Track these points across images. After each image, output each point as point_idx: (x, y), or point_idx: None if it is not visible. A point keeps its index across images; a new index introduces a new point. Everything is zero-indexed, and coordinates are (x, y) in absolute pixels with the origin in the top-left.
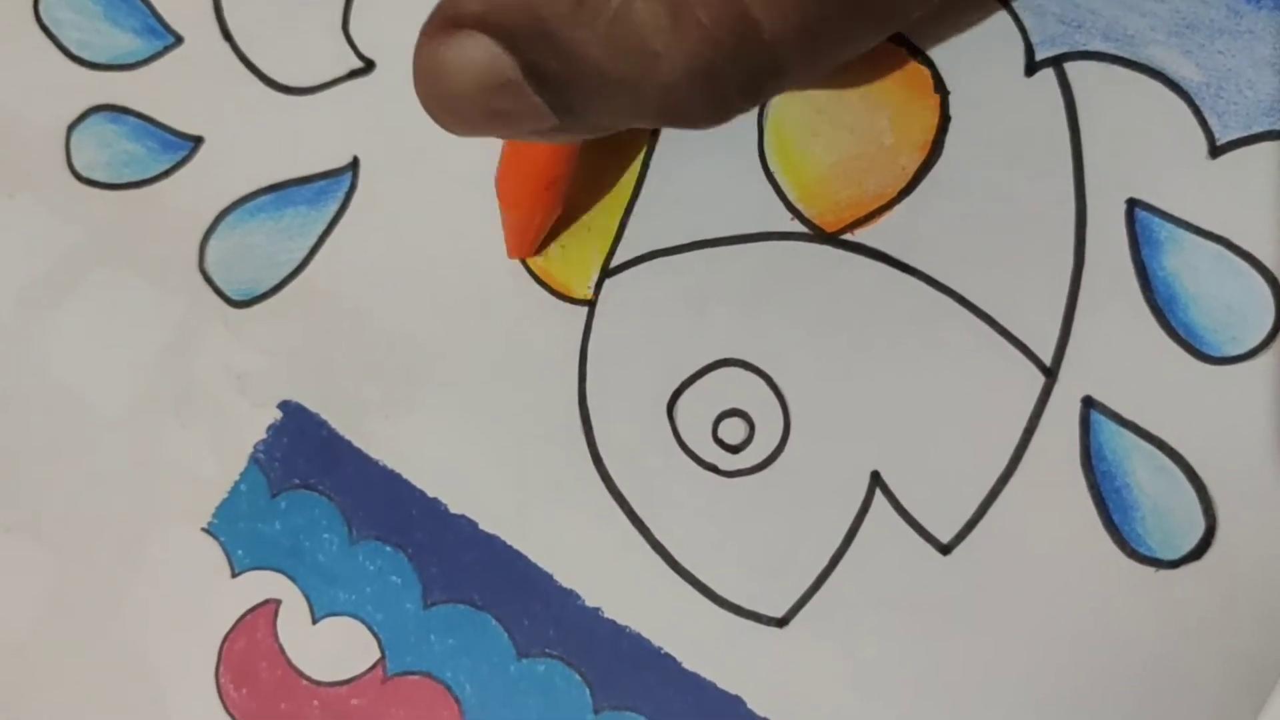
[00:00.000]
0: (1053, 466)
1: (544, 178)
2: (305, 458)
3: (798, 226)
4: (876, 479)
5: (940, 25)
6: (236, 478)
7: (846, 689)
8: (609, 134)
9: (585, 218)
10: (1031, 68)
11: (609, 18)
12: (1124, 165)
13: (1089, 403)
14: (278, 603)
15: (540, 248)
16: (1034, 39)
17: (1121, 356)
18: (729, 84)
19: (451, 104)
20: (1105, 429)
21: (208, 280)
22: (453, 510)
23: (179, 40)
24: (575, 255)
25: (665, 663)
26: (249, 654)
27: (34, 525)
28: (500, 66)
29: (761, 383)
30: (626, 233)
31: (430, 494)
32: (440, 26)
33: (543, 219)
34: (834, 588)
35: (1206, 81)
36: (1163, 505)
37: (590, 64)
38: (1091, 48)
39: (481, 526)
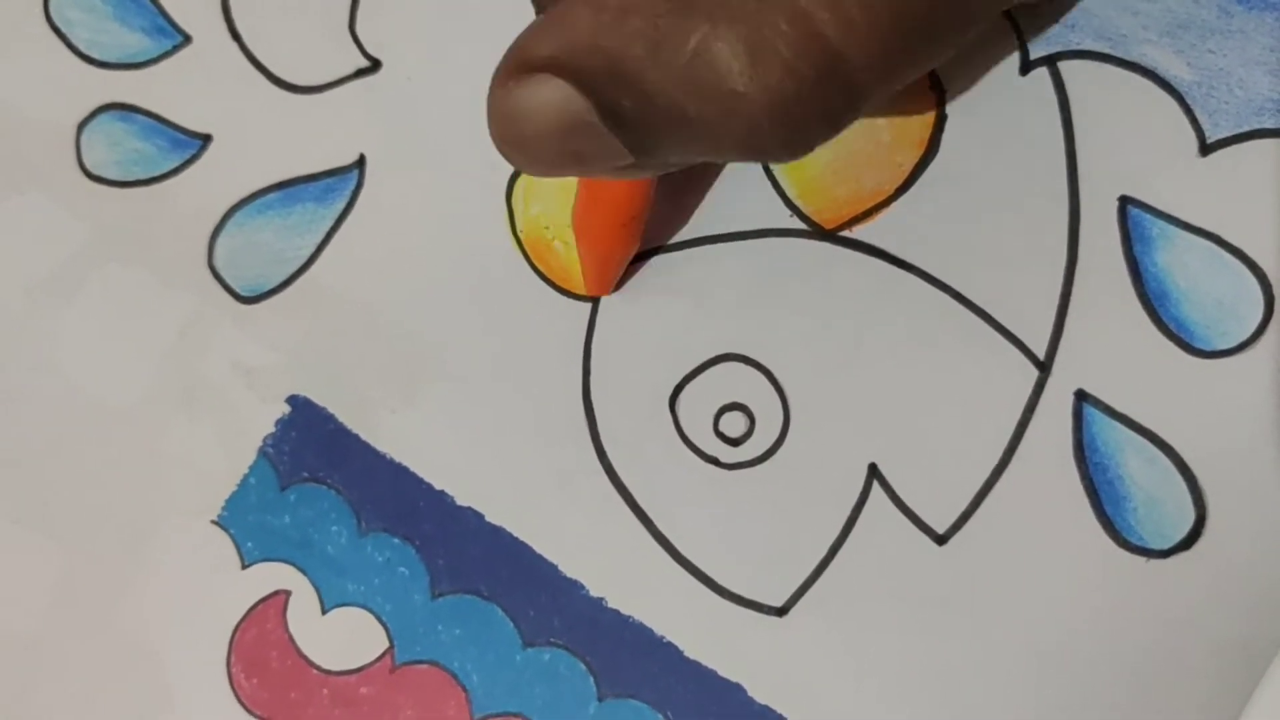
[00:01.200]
0: (1046, 458)
1: (622, 215)
2: (313, 451)
3: (797, 223)
4: (874, 471)
5: None
6: (246, 471)
7: (844, 676)
8: (685, 168)
9: None
10: (1026, 67)
11: (686, 58)
12: (1117, 163)
13: (1082, 396)
14: (287, 594)
15: (620, 284)
16: (1028, 38)
17: (1114, 351)
18: (810, 116)
19: (528, 147)
20: (1098, 421)
21: (216, 277)
22: (459, 502)
23: (187, 40)
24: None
25: (667, 651)
26: (259, 644)
27: (45, 518)
28: (576, 109)
29: (762, 377)
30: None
31: (437, 486)
32: (513, 71)
33: (622, 255)
34: (832, 578)
35: (1198, 80)
36: (1154, 496)
37: (668, 104)
38: (1085, 47)
39: (488, 518)
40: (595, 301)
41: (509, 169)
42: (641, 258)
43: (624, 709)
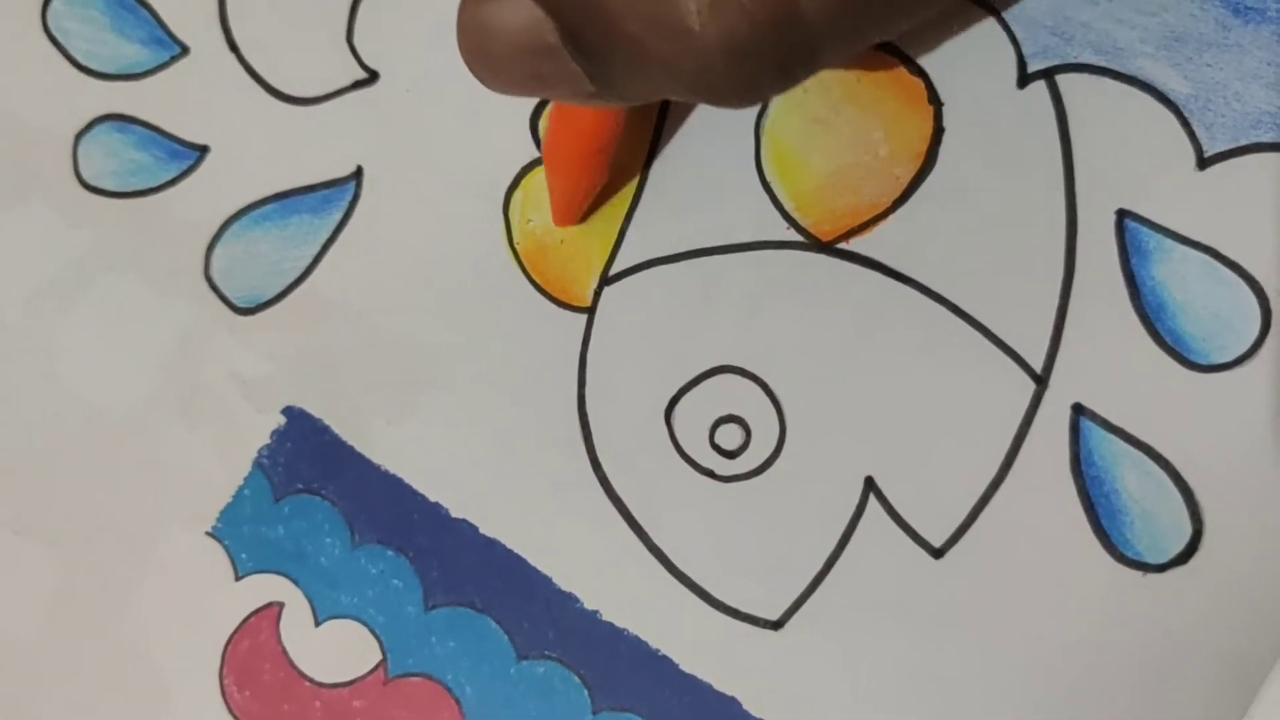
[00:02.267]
0: (1043, 472)
1: (592, 144)
2: (308, 463)
3: (794, 236)
4: (870, 484)
5: (934, 38)
6: (240, 482)
7: (840, 690)
8: (646, 102)
9: (585, 226)
10: (1024, 80)
11: None
12: (1114, 176)
13: (1079, 409)
14: (281, 605)
15: (584, 216)
16: (1026, 51)
17: (1111, 364)
18: (764, 64)
19: (492, 63)
20: (1094, 435)
21: (213, 287)
22: (454, 514)
23: (185, 51)
24: (575, 263)
25: (662, 665)
26: (252, 656)
27: (41, 528)
28: (541, 30)
29: (758, 389)
30: (625, 241)
31: (431, 498)
32: None
33: (589, 186)
34: (828, 591)
35: (1195, 94)
36: (1150, 510)
37: (627, 36)
38: (1082, 60)
39: (482, 530)
40: (591, 312)
41: (506, 181)
42: (639, 267)
43: None
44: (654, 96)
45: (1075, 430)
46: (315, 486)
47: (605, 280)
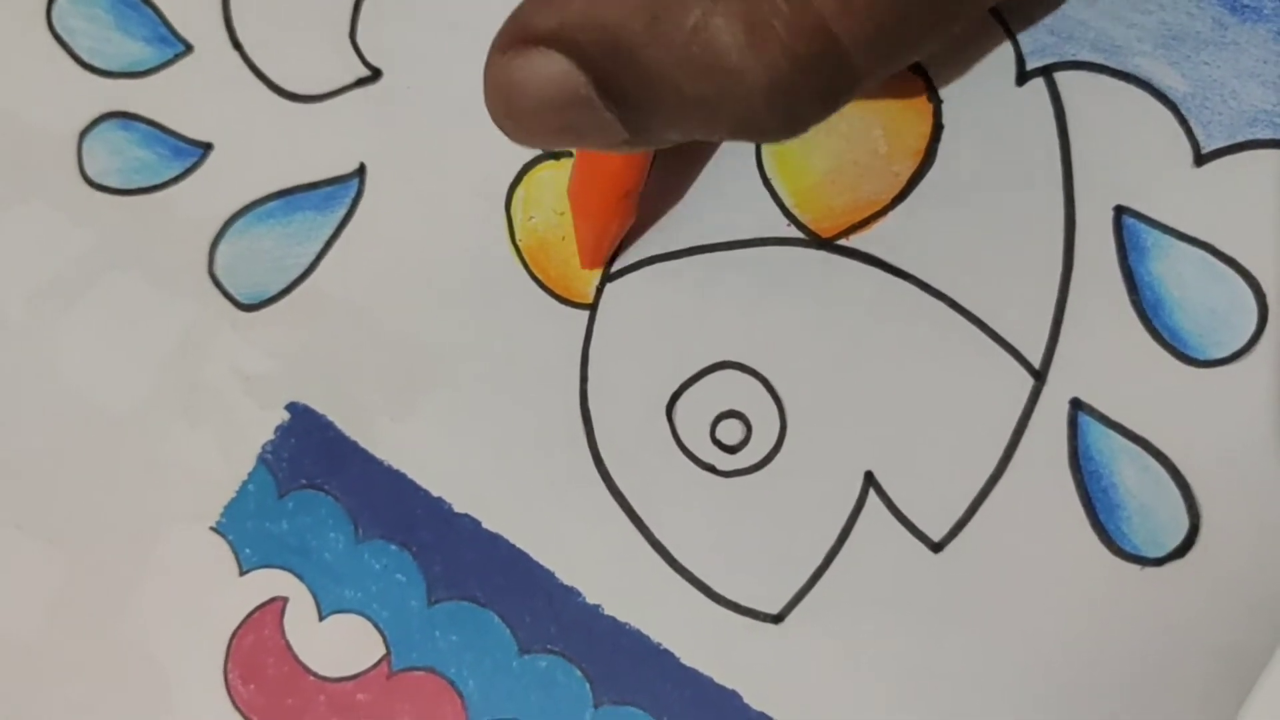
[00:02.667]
0: (1041, 467)
1: (618, 189)
2: (312, 458)
3: (794, 232)
4: (870, 479)
5: None
6: (244, 478)
7: (840, 683)
8: (678, 144)
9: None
10: (1022, 77)
11: (685, 35)
12: (1112, 173)
13: (1077, 404)
14: (285, 600)
15: (613, 258)
16: (1025, 49)
17: (1109, 359)
18: (805, 97)
19: (523, 119)
20: (1092, 430)
21: (217, 284)
22: (456, 509)
23: (189, 49)
24: (577, 260)
25: (664, 658)
26: (256, 650)
27: (45, 524)
28: (573, 83)
29: (758, 385)
30: (627, 238)
31: (434, 494)
32: (512, 42)
33: (617, 230)
34: (828, 585)
35: (1192, 91)
36: (1148, 504)
37: (665, 81)
38: (1081, 58)
39: (485, 525)
40: (593, 309)
41: (508, 178)
42: (641, 264)
43: (620, 716)
44: (691, 138)
45: (1073, 425)
46: (319, 482)
47: (607, 277)
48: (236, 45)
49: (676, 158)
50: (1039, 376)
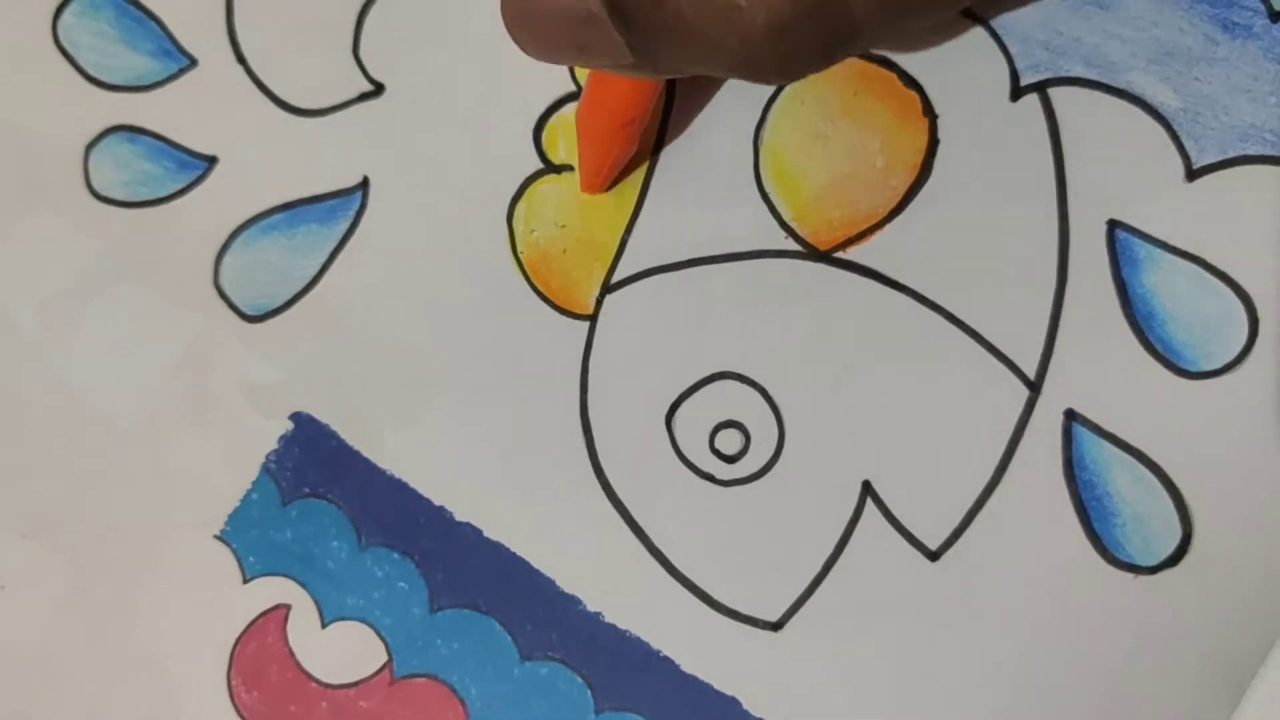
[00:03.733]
0: (1036, 476)
1: (623, 115)
2: (315, 467)
3: (792, 245)
4: (868, 488)
5: (929, 52)
6: (249, 487)
7: (839, 690)
8: (682, 76)
9: (587, 236)
10: (1016, 93)
11: None
12: (1105, 187)
13: (1071, 415)
14: (288, 608)
15: (609, 187)
16: (1019, 65)
17: (1102, 371)
18: (806, 43)
19: (535, 30)
20: (1086, 440)
21: (222, 296)
22: (458, 518)
23: (194, 63)
24: (577, 272)
25: (664, 665)
26: (260, 657)
27: (51, 532)
28: (586, 1)
29: (757, 395)
30: (626, 250)
31: (436, 502)
32: None
33: (618, 156)
34: (827, 593)
35: (1184, 107)
36: (1141, 513)
37: (672, 10)
38: (1074, 74)
39: (486, 534)
40: (593, 320)
41: (510, 192)
42: (640, 276)
43: None
44: (692, 71)
45: (1068, 435)
46: (322, 491)
47: (607, 289)
48: (241, 59)
49: (685, 97)
50: (1034, 388)
